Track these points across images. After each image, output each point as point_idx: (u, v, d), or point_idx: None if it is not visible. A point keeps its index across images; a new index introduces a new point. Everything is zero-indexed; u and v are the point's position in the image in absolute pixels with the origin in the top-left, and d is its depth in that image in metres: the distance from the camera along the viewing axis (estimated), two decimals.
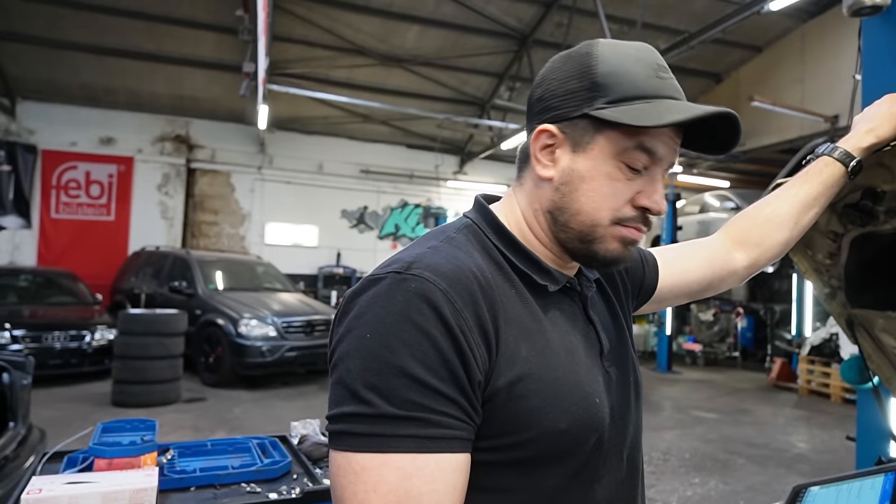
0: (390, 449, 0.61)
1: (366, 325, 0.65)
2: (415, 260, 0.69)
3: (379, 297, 0.66)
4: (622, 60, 0.74)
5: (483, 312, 0.68)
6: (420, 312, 0.64)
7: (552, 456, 0.71)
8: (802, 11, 9.44)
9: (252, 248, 12.06)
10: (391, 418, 0.62)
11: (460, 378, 0.64)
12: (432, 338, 0.63)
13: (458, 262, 0.70)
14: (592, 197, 0.74)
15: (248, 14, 7.58)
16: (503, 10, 9.50)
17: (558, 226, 0.78)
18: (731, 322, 11.72)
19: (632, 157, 0.73)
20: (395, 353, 0.63)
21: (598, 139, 0.74)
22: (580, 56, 0.76)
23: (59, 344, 7.08)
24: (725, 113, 0.73)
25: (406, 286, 0.66)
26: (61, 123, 10.83)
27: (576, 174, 0.75)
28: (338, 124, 12.45)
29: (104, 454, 1.46)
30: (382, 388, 0.62)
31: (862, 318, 1.61)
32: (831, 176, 1.08)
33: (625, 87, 0.72)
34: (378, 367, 0.63)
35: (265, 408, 6.56)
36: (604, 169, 0.74)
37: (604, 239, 0.76)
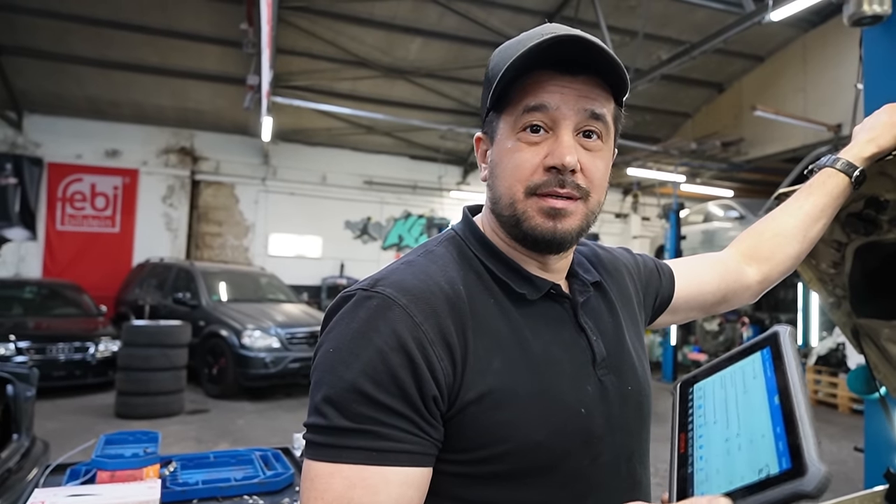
0: (340, 459, 0.64)
1: (331, 340, 0.69)
2: (382, 277, 0.72)
3: (345, 314, 0.70)
4: (504, 49, 0.77)
5: (447, 325, 0.69)
6: (375, 329, 0.66)
7: (533, 469, 0.70)
8: (804, 21, 9.47)
9: (256, 260, 12.08)
10: (343, 430, 0.64)
11: (411, 394, 0.65)
12: (384, 354, 0.65)
13: (426, 277, 0.72)
14: (504, 176, 0.76)
15: (252, 27, 7.64)
16: (505, 21, 9.56)
17: (498, 218, 0.79)
18: (736, 332, 11.66)
19: (524, 122, 0.73)
20: (349, 367, 0.65)
21: (499, 124, 0.77)
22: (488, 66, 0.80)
23: (63, 355, 7.09)
24: (572, 37, 0.70)
25: (368, 304, 0.69)
26: (67, 136, 10.91)
27: (493, 163, 0.78)
28: (341, 136, 12.50)
29: (107, 466, 1.46)
30: (336, 401, 0.65)
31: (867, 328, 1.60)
32: (836, 187, 1.07)
33: (500, 68, 0.73)
34: (334, 380, 0.66)
35: (268, 419, 6.54)
36: (507, 146, 0.75)
37: (525, 215, 0.74)
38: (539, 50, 0.70)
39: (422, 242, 0.84)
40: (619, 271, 0.98)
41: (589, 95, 0.73)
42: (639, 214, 15.33)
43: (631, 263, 1.02)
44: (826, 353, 8.71)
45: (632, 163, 11.76)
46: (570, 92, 0.72)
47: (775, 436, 0.57)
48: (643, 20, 8.03)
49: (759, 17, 5.74)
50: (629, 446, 0.82)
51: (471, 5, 9.02)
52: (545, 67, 0.72)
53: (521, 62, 0.71)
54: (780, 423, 0.58)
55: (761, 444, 0.58)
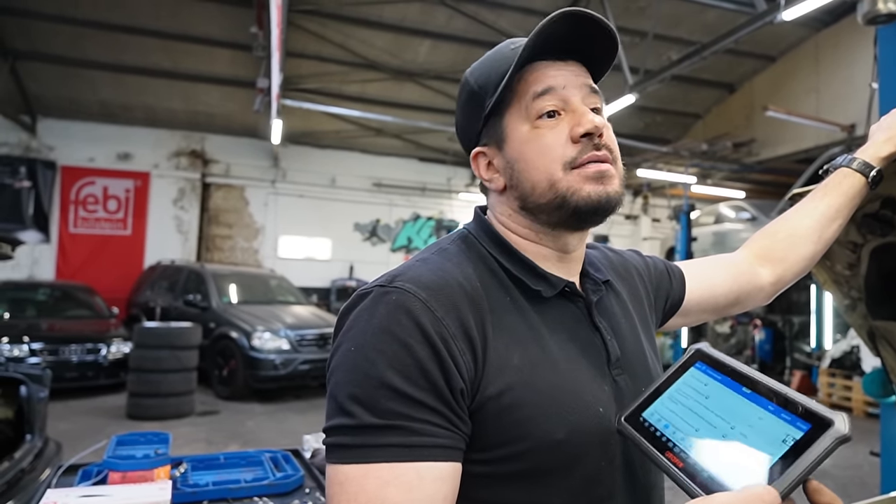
0: (371, 459, 0.62)
1: (351, 338, 0.67)
2: (399, 273, 0.72)
3: (363, 311, 0.69)
4: (482, 62, 0.82)
5: (468, 320, 0.68)
6: (398, 323, 0.65)
7: (553, 469, 0.69)
8: (816, 21, 9.39)
9: (265, 262, 12.14)
10: (373, 428, 0.62)
11: (440, 387, 0.64)
12: (410, 347, 0.64)
13: (443, 272, 0.72)
14: (533, 163, 0.76)
15: (262, 31, 7.70)
16: (514, 23, 9.55)
17: (536, 212, 0.78)
18: (748, 334, 11.56)
19: (537, 109, 0.75)
20: (375, 364, 0.64)
21: (505, 123, 0.78)
22: (460, 90, 0.84)
23: (75, 357, 7.15)
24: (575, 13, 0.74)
25: (387, 299, 0.68)
26: (80, 140, 11.03)
27: (512, 161, 0.78)
28: (350, 138, 12.54)
29: (118, 467, 1.46)
30: (364, 399, 0.63)
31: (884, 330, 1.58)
32: (851, 187, 1.06)
33: (493, 77, 0.77)
34: (360, 378, 0.64)
35: (278, 421, 6.56)
36: (524, 136, 0.76)
37: (572, 189, 0.74)
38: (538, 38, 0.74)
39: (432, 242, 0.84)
40: (630, 273, 0.97)
41: (582, 75, 0.79)
42: (649, 216, 15.25)
43: (641, 266, 1.01)
44: (840, 355, 8.61)
45: (642, 164, 11.70)
46: (567, 72, 0.77)
47: (773, 412, 0.57)
48: (653, 21, 8.00)
49: (770, 17, 5.69)
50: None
51: (479, 7, 9.03)
52: (540, 59, 0.77)
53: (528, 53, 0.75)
54: (769, 403, 0.58)
55: (765, 424, 0.57)
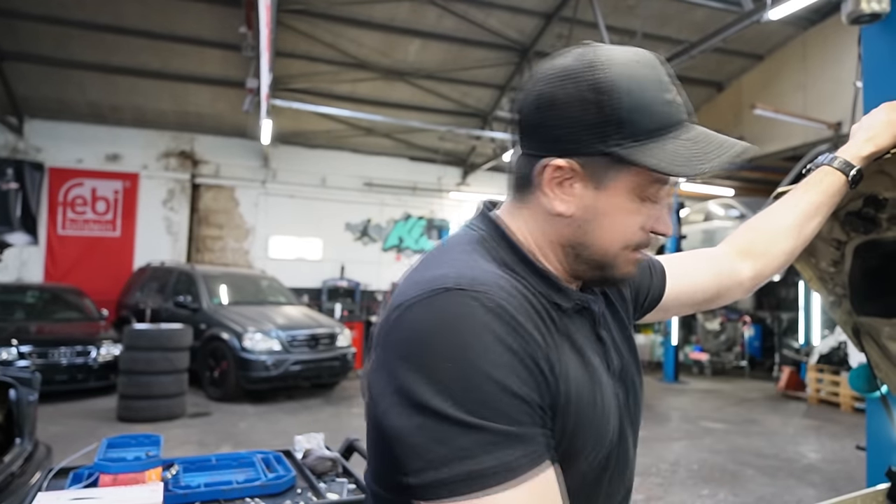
0: (518, 473, 0.57)
1: (439, 352, 0.60)
2: (458, 276, 0.65)
3: (440, 320, 0.61)
4: (636, 87, 0.69)
5: (542, 328, 0.67)
6: (494, 327, 0.61)
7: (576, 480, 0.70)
8: (803, 19, 9.47)
9: (256, 262, 12.09)
10: (511, 437, 0.58)
11: (542, 388, 0.63)
12: (515, 351, 0.61)
13: (500, 278, 0.68)
14: (612, 230, 0.74)
15: (251, 31, 7.66)
16: (504, 22, 9.56)
17: (579, 260, 0.76)
18: (737, 331, 11.66)
19: (650, 190, 0.74)
20: (488, 373, 0.59)
21: (618, 176, 0.71)
22: (588, 82, 0.69)
23: (65, 360, 7.10)
24: (742, 151, 0.74)
25: (466, 302, 0.62)
26: (68, 141, 10.93)
27: (598, 211, 0.73)
28: (341, 138, 12.51)
29: (109, 470, 1.46)
30: (490, 412, 0.58)
31: (868, 326, 1.60)
32: (832, 185, 1.08)
33: (644, 123, 0.69)
34: (477, 391, 0.58)
35: (270, 422, 6.54)
36: (624, 205, 0.73)
37: (616, 264, 0.76)
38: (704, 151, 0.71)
39: (446, 240, 0.79)
40: None
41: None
42: None
43: None
44: (828, 351, 8.70)
45: None
46: None
47: None
48: (642, 20, 8.04)
49: (758, 16, 5.74)
50: (628, 455, 0.82)
51: (469, 6, 9.03)
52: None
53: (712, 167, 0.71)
54: None
55: None
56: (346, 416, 6.93)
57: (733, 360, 11.64)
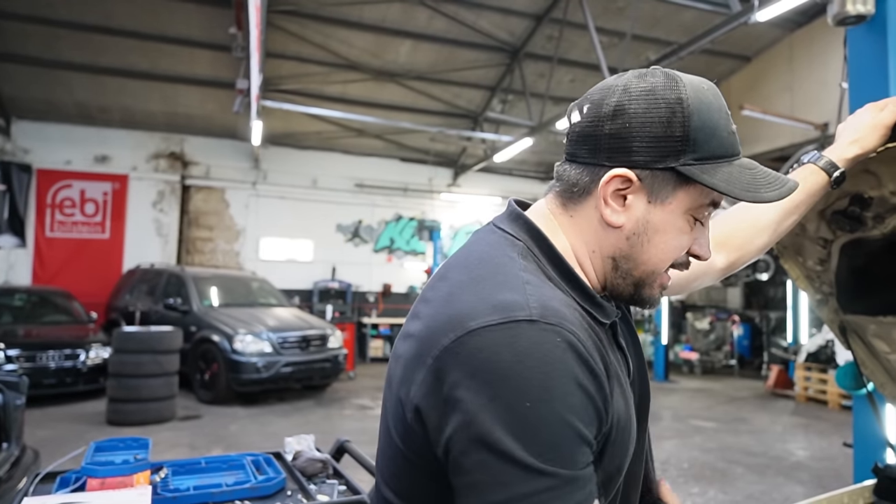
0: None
1: (520, 390, 0.59)
2: (538, 304, 0.64)
3: (523, 355, 0.60)
4: (710, 113, 0.71)
5: (602, 357, 0.68)
6: (574, 369, 0.61)
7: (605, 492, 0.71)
8: (790, 21, 9.55)
9: (247, 264, 12.04)
10: (573, 482, 0.59)
11: (602, 429, 0.65)
12: (589, 393, 0.62)
13: (568, 304, 0.68)
14: (662, 249, 0.75)
15: (241, 31, 7.63)
16: (494, 24, 9.58)
17: (619, 272, 0.76)
18: (727, 330, 11.74)
19: (702, 212, 0.76)
20: (565, 419, 0.59)
21: (678, 194, 0.73)
22: (668, 98, 0.70)
23: (53, 363, 7.03)
24: (795, 186, 0.77)
25: (550, 339, 0.61)
26: (56, 142, 10.84)
27: (650, 226, 0.73)
28: (332, 139, 12.49)
29: (96, 474, 1.44)
30: (558, 457, 0.58)
31: (854, 324, 1.62)
32: (814, 184, 1.09)
33: (712, 146, 0.71)
34: (549, 435, 0.58)
35: (261, 424, 6.51)
36: (677, 223, 0.74)
37: (653, 284, 0.77)
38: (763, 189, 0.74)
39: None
40: None
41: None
42: None
43: None
44: (815, 350, 8.78)
45: None
46: None
47: None
48: (631, 21, 8.07)
49: (745, 18, 5.78)
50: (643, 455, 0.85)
51: (459, 7, 9.04)
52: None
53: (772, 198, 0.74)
54: None
55: None
56: (337, 418, 6.91)
57: (723, 359, 11.72)
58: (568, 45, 9.59)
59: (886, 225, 1.34)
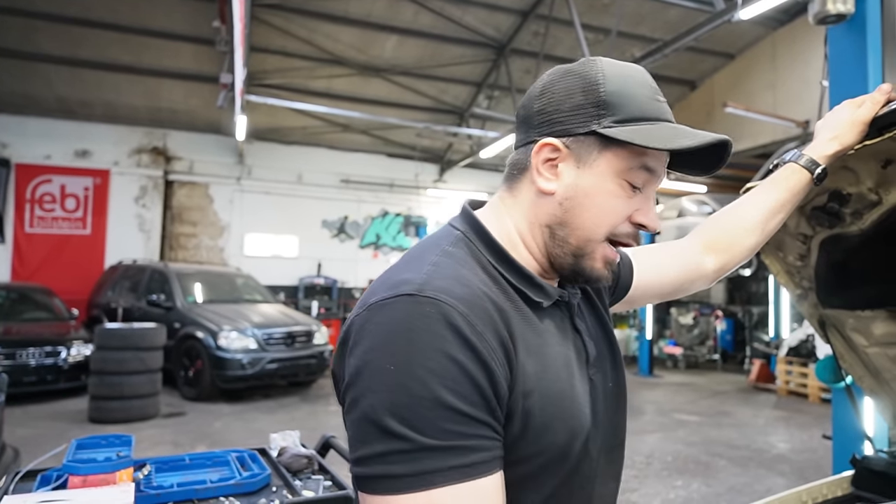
0: (433, 485, 0.59)
1: (386, 356, 0.62)
2: (424, 281, 0.67)
3: (394, 325, 0.64)
4: (626, 81, 0.76)
5: (502, 331, 0.68)
6: (444, 339, 0.62)
7: (548, 469, 0.72)
8: (772, 20, 9.66)
9: (231, 260, 11.94)
10: (430, 450, 0.59)
11: (490, 399, 0.64)
12: (461, 364, 0.62)
13: (468, 282, 0.69)
14: (595, 213, 0.76)
15: (224, 25, 7.54)
16: (481, 19, 9.58)
17: (556, 240, 0.78)
18: (710, 325, 11.88)
19: (634, 175, 0.76)
20: (425, 383, 0.60)
21: (604, 156, 0.75)
22: (584, 73, 0.76)
23: (33, 360, 6.93)
24: (724, 141, 0.77)
25: (423, 310, 0.64)
26: (35, 136, 10.65)
27: (580, 190, 0.76)
28: (317, 134, 12.41)
29: (78, 471, 1.43)
30: (416, 421, 0.60)
31: (833, 319, 1.65)
32: (797, 183, 1.11)
33: (631, 108, 0.74)
34: (408, 399, 0.60)
35: (246, 421, 6.48)
36: (607, 186, 0.75)
37: (592, 256, 0.77)
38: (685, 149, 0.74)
39: (426, 238, 0.81)
40: None
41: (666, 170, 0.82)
42: None
43: None
44: (796, 344, 8.91)
45: None
46: (664, 163, 0.80)
47: None
48: (617, 18, 8.11)
49: (728, 16, 5.84)
50: (614, 438, 0.86)
51: (445, 3, 9.02)
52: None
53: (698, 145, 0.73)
54: None
55: None
56: (322, 414, 6.89)
57: (706, 354, 11.86)
58: (554, 42, 9.62)
59: (864, 221, 1.37)
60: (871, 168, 1.27)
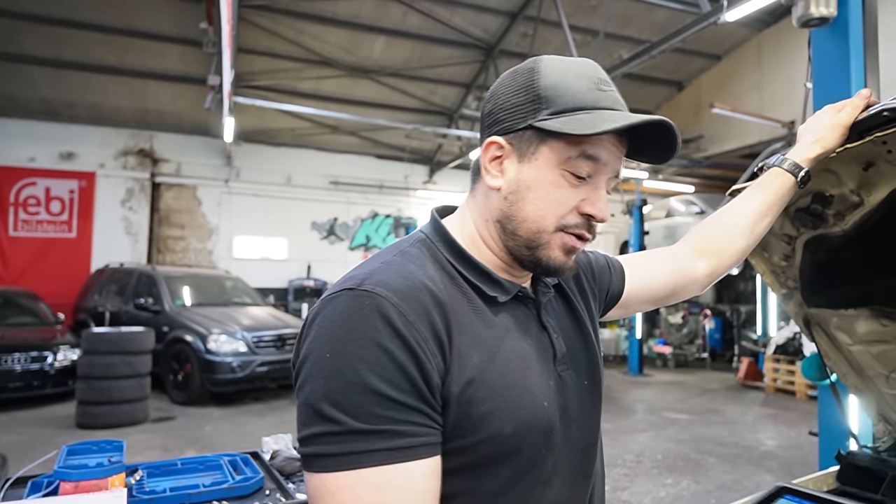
0: (361, 465, 0.63)
1: (324, 345, 0.67)
2: (367, 276, 0.72)
3: (334, 317, 0.68)
4: (563, 74, 0.78)
5: (436, 322, 0.71)
6: (375, 328, 0.66)
7: (499, 458, 0.74)
8: (758, 21, 9.76)
9: (220, 263, 11.87)
10: (358, 433, 0.64)
11: (420, 387, 0.67)
12: (390, 351, 0.66)
13: (410, 276, 0.73)
14: (538, 205, 0.78)
15: (212, 27, 7.51)
16: (469, 21, 9.60)
17: (507, 234, 0.80)
18: (699, 324, 11.97)
19: (576, 165, 0.77)
20: (356, 369, 0.65)
21: (542, 149, 0.77)
22: (525, 71, 0.80)
23: (19, 366, 6.85)
24: (659, 121, 0.76)
25: (360, 303, 0.68)
26: (19, 139, 10.53)
27: (522, 183, 0.78)
28: (306, 136, 12.37)
29: (70, 477, 1.42)
30: (347, 406, 0.64)
31: (818, 317, 1.68)
32: (782, 186, 1.13)
33: (566, 100, 0.76)
34: (341, 385, 0.65)
35: (237, 424, 6.44)
36: (549, 177, 0.77)
37: (548, 246, 0.79)
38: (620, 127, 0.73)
39: (392, 243, 0.85)
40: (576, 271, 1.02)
41: (622, 157, 0.81)
42: None
43: (584, 262, 1.06)
44: (784, 342, 9.01)
45: None
46: (616, 152, 0.79)
47: None
48: (604, 20, 8.16)
49: (714, 18, 5.89)
50: (587, 437, 0.87)
51: (434, 4, 9.03)
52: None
53: (619, 127, 0.73)
54: None
55: None
56: None
57: (695, 353, 11.96)
58: (542, 43, 9.65)
59: (847, 222, 1.39)
60: (852, 170, 1.29)
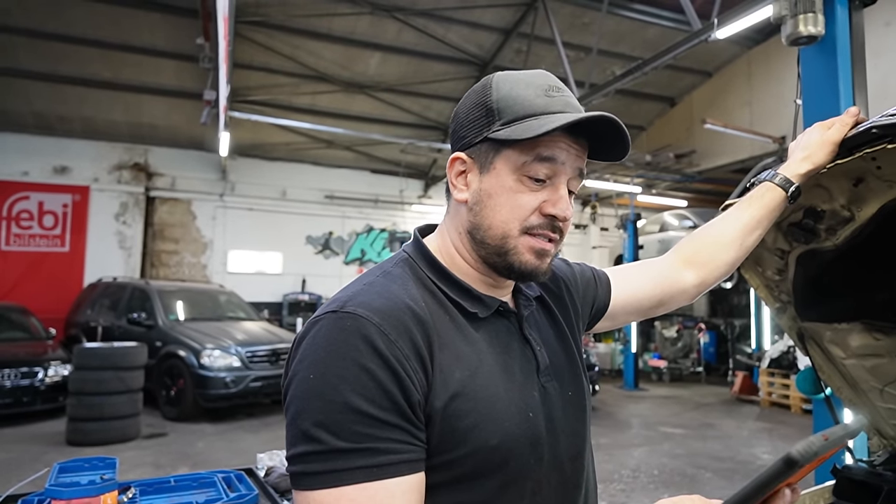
0: (343, 482, 0.65)
1: (308, 367, 0.69)
2: (349, 298, 0.74)
3: (318, 339, 0.71)
4: (513, 86, 0.81)
5: (418, 340, 0.72)
6: (356, 349, 0.68)
7: (486, 470, 0.74)
8: (748, 39, 9.91)
9: (214, 277, 11.83)
10: (341, 452, 0.65)
11: (401, 405, 0.68)
12: (370, 371, 0.67)
13: (392, 296, 0.75)
14: (500, 211, 0.80)
15: (208, 42, 7.55)
16: (463, 37, 9.69)
17: (477, 243, 0.83)
18: (693, 338, 11.98)
19: (532, 168, 0.79)
20: (338, 389, 0.67)
21: (498, 158, 0.80)
22: (480, 88, 0.84)
23: (9, 382, 6.77)
24: (605, 118, 0.78)
25: (342, 325, 0.70)
26: (12, 152, 10.51)
27: (484, 193, 0.81)
28: (301, 150, 12.41)
29: (61, 495, 1.41)
30: (330, 425, 0.66)
31: (811, 331, 1.68)
32: (772, 200, 1.15)
33: (516, 109, 0.79)
34: (323, 405, 0.67)
35: (230, 440, 6.38)
36: (507, 184, 0.80)
37: (516, 251, 0.81)
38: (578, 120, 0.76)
39: (378, 263, 0.87)
40: (558, 285, 1.03)
41: (581, 156, 0.83)
42: (597, 225, 15.65)
43: (568, 275, 1.07)
44: (778, 356, 9.02)
45: (590, 175, 12.03)
46: (573, 151, 0.81)
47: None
48: (597, 37, 8.26)
49: (705, 35, 5.97)
50: (575, 447, 0.87)
51: (429, 21, 9.12)
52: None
53: (559, 126, 0.75)
54: None
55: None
56: None
57: (690, 367, 11.95)
58: (536, 59, 9.75)
59: (838, 236, 1.41)
60: (843, 186, 1.31)
